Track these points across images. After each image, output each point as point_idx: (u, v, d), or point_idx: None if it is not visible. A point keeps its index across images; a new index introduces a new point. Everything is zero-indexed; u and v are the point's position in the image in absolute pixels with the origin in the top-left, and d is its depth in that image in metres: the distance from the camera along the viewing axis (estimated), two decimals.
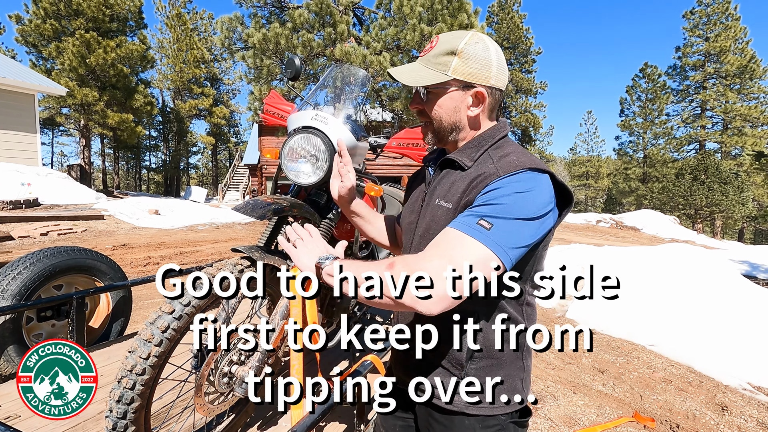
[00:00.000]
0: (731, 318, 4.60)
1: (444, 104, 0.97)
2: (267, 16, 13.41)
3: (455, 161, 0.98)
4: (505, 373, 0.96)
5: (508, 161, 0.90)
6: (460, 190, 0.93)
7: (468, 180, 0.92)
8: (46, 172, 12.81)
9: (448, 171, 1.01)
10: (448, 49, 0.94)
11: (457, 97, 0.96)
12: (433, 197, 1.01)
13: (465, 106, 0.97)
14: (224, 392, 1.52)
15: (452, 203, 0.93)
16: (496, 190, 0.85)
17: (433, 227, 0.96)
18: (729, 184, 23.79)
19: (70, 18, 20.02)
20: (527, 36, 34.39)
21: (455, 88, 0.95)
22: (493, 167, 0.90)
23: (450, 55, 0.94)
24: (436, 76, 0.94)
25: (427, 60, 0.96)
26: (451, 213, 0.92)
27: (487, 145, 0.97)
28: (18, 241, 7.51)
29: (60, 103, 20.80)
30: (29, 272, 2.21)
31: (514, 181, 0.86)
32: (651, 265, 6.22)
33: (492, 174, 0.88)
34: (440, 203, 0.96)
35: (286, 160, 1.72)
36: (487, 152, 0.96)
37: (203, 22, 38.50)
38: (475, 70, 0.94)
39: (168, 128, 36.83)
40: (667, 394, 3.29)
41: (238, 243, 9.57)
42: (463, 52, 0.93)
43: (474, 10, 11.83)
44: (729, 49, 28.81)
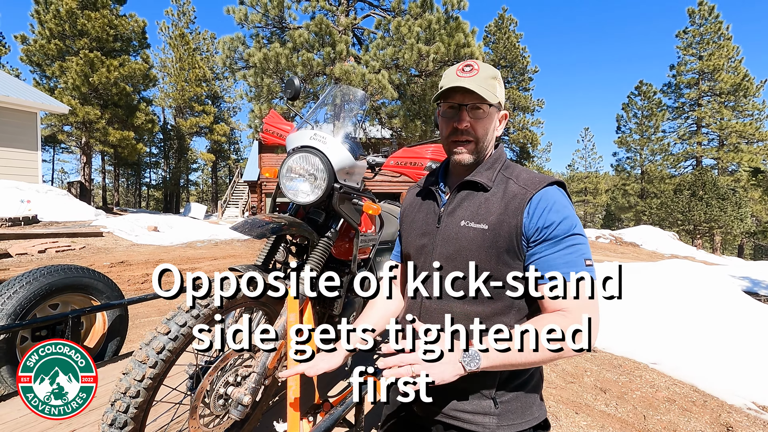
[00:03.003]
0: (734, 335, 4.55)
1: (489, 123, 1.04)
2: (268, 36, 13.66)
3: (477, 183, 1.04)
4: (533, 385, 1.01)
5: (527, 179, 1.01)
6: (494, 211, 0.98)
7: (500, 201, 0.99)
8: (46, 189, 12.83)
9: (469, 192, 1.05)
10: (492, 74, 1.02)
11: (495, 117, 1.05)
12: (455, 219, 1.03)
13: (497, 126, 1.07)
14: (219, 415, 1.50)
15: (487, 224, 0.98)
16: (549, 211, 0.95)
17: (466, 247, 0.99)
18: (727, 200, 23.87)
19: (75, 38, 20.37)
20: (524, 55, 35.01)
21: (495, 109, 1.04)
22: (518, 187, 1.00)
23: (493, 79, 1.02)
24: (492, 96, 1.01)
25: (479, 81, 0.99)
26: (489, 233, 0.97)
27: (499, 167, 1.06)
28: (15, 258, 7.47)
29: (62, 120, 21.01)
30: (25, 291, 2.19)
31: (552, 195, 0.97)
32: (651, 281, 6.19)
33: (524, 193, 0.98)
34: (470, 224, 1.00)
35: (284, 179, 1.73)
36: (500, 173, 1.05)
37: (205, 41, 39.21)
38: (503, 95, 1.05)
39: (169, 145, 37.08)
40: (671, 414, 3.23)
41: (236, 260, 9.53)
42: (498, 78, 1.04)
43: (471, 29, 12.08)
44: (722, 68, 29.28)
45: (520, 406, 0.98)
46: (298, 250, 2.08)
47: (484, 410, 0.97)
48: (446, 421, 1.01)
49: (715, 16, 29.68)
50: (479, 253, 0.97)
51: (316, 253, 1.74)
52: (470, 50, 11.78)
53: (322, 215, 1.86)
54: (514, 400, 0.98)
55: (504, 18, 34.51)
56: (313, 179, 1.69)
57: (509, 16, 34.51)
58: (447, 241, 1.02)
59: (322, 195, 1.68)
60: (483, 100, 0.98)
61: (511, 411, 0.97)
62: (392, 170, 1.97)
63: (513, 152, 37.30)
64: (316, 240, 1.77)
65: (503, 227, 0.96)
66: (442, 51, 11.44)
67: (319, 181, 1.68)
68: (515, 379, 0.98)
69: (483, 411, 0.97)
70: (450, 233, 1.02)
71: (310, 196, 1.70)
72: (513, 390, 0.98)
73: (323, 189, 1.67)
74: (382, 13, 13.83)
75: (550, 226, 0.93)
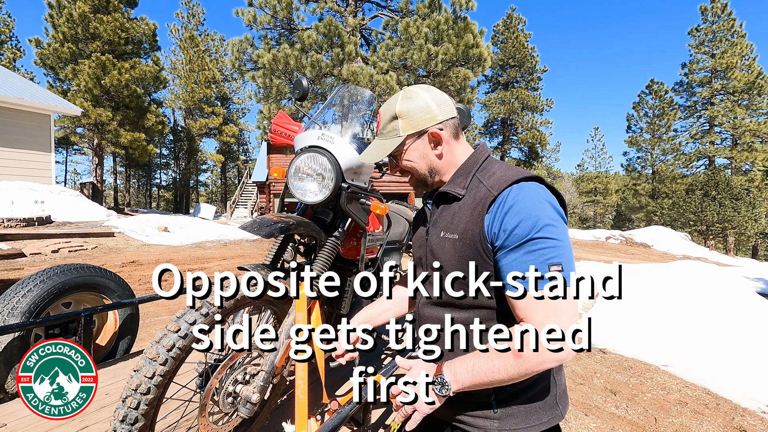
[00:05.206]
0: (748, 337, 4.47)
1: (411, 157, 1.06)
2: (276, 38, 13.75)
3: (448, 193, 1.04)
4: (540, 389, 1.00)
5: (496, 179, 0.96)
6: (463, 219, 0.97)
7: (468, 208, 0.98)
8: (59, 190, 13.04)
9: (445, 205, 1.06)
10: (390, 116, 1.05)
11: (419, 147, 1.06)
12: (436, 230, 1.05)
13: (428, 150, 1.06)
14: (228, 412, 1.51)
15: (458, 233, 0.97)
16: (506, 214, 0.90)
17: (445, 258, 1.00)
18: (740, 200, 23.46)
19: (87, 41, 20.70)
20: (533, 54, 34.79)
21: (411, 141, 1.05)
22: (485, 190, 0.96)
23: (394, 120, 1.04)
24: (393, 142, 1.05)
25: (381, 134, 1.08)
26: (458, 243, 0.97)
27: (474, 170, 1.03)
28: (30, 257, 7.60)
29: (75, 122, 21.36)
30: (39, 290, 2.23)
31: (514, 195, 0.91)
32: (663, 282, 6.10)
33: (487, 196, 0.94)
34: (446, 235, 1.01)
35: (292, 179, 1.74)
36: (475, 176, 1.02)
37: (215, 43, 39.59)
38: (419, 119, 1.03)
39: (179, 146, 37.49)
40: (683, 417, 3.19)
41: (245, 260, 9.60)
42: (401, 112, 1.04)
43: (479, 30, 12.03)
44: (736, 66, 28.82)
45: (523, 410, 0.96)
46: (306, 250, 2.09)
47: (485, 414, 0.97)
48: (453, 423, 1.03)
49: (728, 13, 29.23)
50: (454, 263, 0.98)
51: (323, 252, 1.75)
52: (479, 51, 11.74)
53: (330, 215, 1.87)
54: (516, 404, 0.96)
55: (512, 17, 34.34)
56: (321, 179, 1.70)
57: (518, 15, 34.34)
58: (431, 253, 1.06)
59: (330, 195, 1.69)
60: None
61: (512, 415, 0.96)
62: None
63: (522, 152, 37.07)
64: (323, 240, 1.77)
65: (468, 235, 0.94)
66: (450, 52, 11.41)
67: (327, 180, 1.69)
68: (514, 384, 0.95)
69: (483, 414, 0.97)
70: (433, 245, 1.05)
71: (318, 196, 1.71)
72: (513, 394, 0.96)
73: (331, 189, 1.68)
74: (389, 13, 13.83)
75: (508, 230, 0.88)
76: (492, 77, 35.99)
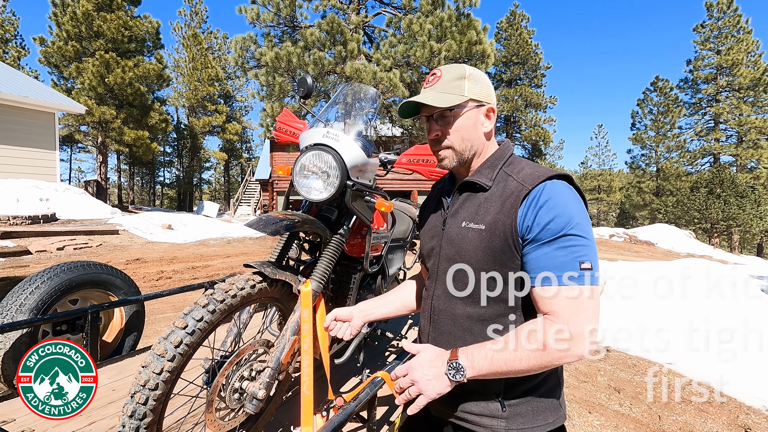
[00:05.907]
0: (753, 336, 4.45)
1: (463, 124, 1.02)
2: (279, 36, 13.74)
3: (476, 183, 1.03)
4: (548, 389, 0.99)
5: (527, 174, 0.96)
6: (492, 211, 0.96)
7: (498, 200, 0.97)
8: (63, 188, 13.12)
9: (469, 194, 1.04)
10: (458, 74, 1.02)
11: (474, 116, 1.03)
12: (456, 220, 1.04)
13: (480, 123, 1.04)
14: (235, 408, 1.52)
15: (485, 224, 0.96)
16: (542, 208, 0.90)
17: (466, 248, 0.99)
18: (746, 198, 23.30)
19: (91, 39, 20.75)
20: (536, 51, 34.61)
21: (471, 108, 1.02)
22: (516, 183, 0.96)
23: (461, 79, 1.01)
24: (454, 98, 1.00)
25: (441, 86, 1.02)
26: (485, 233, 0.96)
27: (501, 164, 1.03)
28: (35, 255, 7.66)
29: (79, 120, 21.44)
30: (46, 287, 2.25)
31: (549, 191, 0.92)
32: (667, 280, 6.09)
33: (520, 189, 0.94)
34: (468, 225, 1.00)
35: (298, 177, 1.74)
36: (502, 170, 1.02)
37: (218, 41, 39.59)
38: (483, 90, 1.02)
39: (182, 144, 37.58)
40: (687, 415, 3.19)
41: (249, 257, 9.63)
42: (470, 75, 1.02)
43: (482, 26, 11.98)
44: (741, 62, 28.55)
45: (530, 410, 0.96)
46: (311, 247, 2.10)
47: (492, 413, 0.96)
48: (456, 422, 1.03)
49: (733, 9, 28.95)
50: (477, 254, 0.97)
51: (328, 250, 1.76)
52: (482, 48, 11.69)
53: (335, 212, 1.87)
54: (524, 404, 0.96)
55: (516, 14, 34.14)
56: (326, 177, 1.70)
57: (521, 12, 34.13)
58: (450, 243, 1.04)
59: (335, 192, 1.69)
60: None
61: (520, 414, 0.96)
62: (404, 168, 1.97)
63: (525, 150, 36.93)
64: (328, 237, 1.78)
65: (498, 227, 0.94)
66: (453, 48, 11.37)
67: (332, 178, 1.69)
68: (525, 382, 0.96)
69: (490, 413, 0.97)
70: (452, 235, 1.03)
71: (323, 194, 1.71)
72: (522, 394, 0.96)
73: (336, 186, 1.68)
74: (392, 10, 13.79)
75: (542, 224, 0.88)
76: (495, 74, 35.83)
